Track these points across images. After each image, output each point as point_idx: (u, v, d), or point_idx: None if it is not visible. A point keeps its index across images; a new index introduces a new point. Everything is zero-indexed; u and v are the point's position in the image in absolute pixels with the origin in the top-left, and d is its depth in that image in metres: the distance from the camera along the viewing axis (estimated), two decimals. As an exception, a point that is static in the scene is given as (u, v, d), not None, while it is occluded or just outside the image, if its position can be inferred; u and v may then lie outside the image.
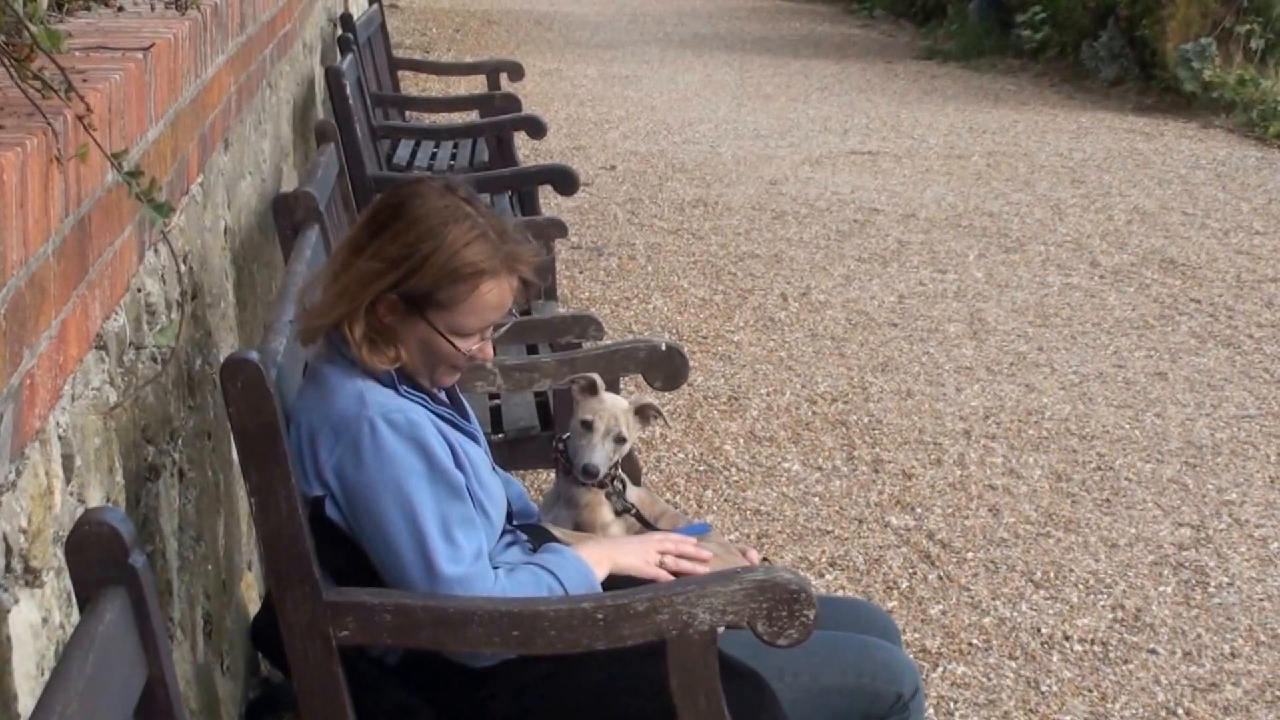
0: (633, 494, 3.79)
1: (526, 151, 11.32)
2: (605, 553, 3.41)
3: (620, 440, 3.72)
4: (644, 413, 3.81)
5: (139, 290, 3.21)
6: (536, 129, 8.66)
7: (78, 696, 1.79)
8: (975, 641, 5.25)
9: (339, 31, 9.21)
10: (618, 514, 3.72)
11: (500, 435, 4.93)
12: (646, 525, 3.72)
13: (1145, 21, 15.76)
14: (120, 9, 4.04)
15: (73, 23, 3.71)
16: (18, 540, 2.29)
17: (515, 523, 3.50)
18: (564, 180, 7.14)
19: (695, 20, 22.45)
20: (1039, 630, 5.33)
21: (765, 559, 3.66)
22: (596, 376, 3.80)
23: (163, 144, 3.42)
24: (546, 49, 19.02)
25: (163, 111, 3.42)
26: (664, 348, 4.40)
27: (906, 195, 11.62)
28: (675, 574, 3.39)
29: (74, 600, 2.28)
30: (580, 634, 2.99)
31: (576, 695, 3.20)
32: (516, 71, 10.66)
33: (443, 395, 3.37)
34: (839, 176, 12.20)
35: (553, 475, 3.97)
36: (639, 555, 3.43)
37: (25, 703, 2.24)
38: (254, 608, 4.21)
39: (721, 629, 3.02)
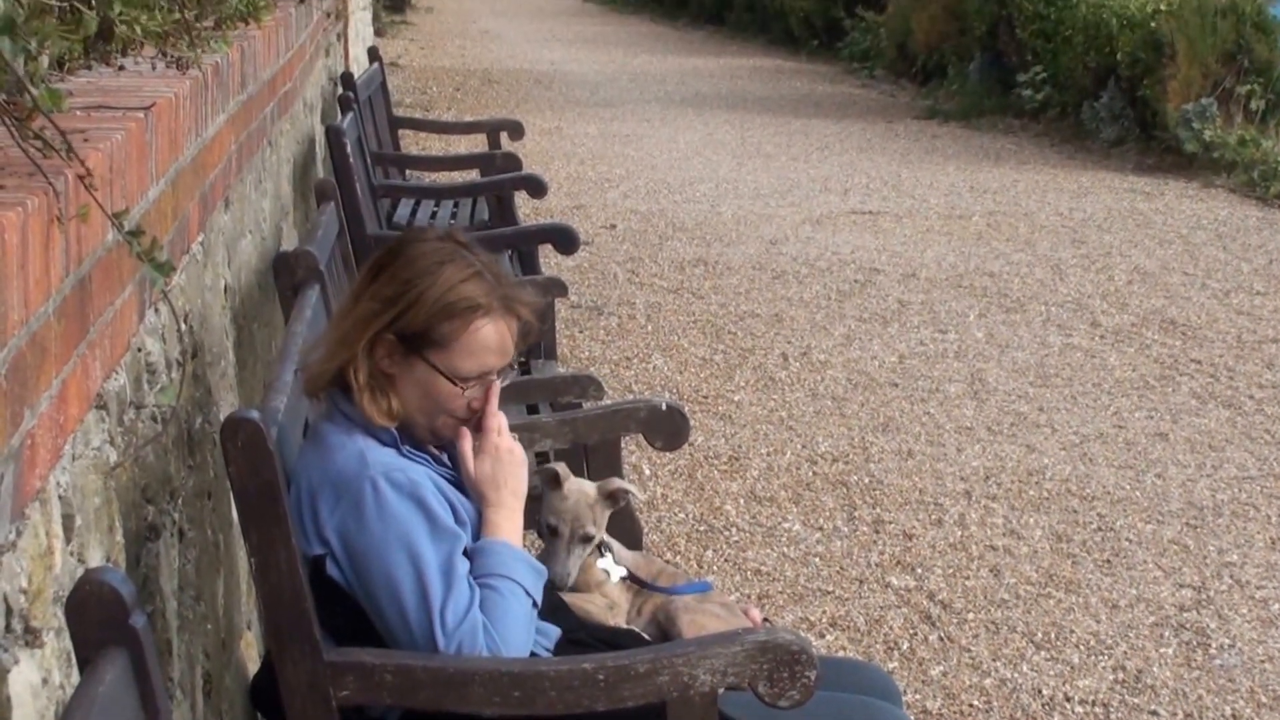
0: (626, 557, 3.77)
1: (527, 210, 11.34)
2: (501, 518, 3.30)
3: (587, 539, 3.66)
4: (613, 497, 3.73)
5: (139, 349, 3.20)
6: (537, 188, 8.67)
7: (77, 757, 1.79)
8: (976, 703, 5.23)
9: (339, 90, 9.24)
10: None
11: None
12: (642, 586, 3.71)
13: (1146, 82, 15.82)
14: (121, 68, 4.05)
15: (74, 81, 3.71)
16: (18, 600, 2.28)
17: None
18: (564, 239, 7.15)
19: (696, 79, 22.54)
20: (1040, 691, 5.31)
21: (766, 619, 3.64)
22: (559, 468, 3.73)
23: (164, 203, 3.42)
24: (547, 107, 19.10)
25: (164, 170, 3.42)
26: (664, 407, 4.39)
27: (907, 255, 11.64)
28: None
29: (74, 660, 2.27)
30: (581, 695, 2.98)
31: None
32: (517, 130, 10.67)
33: (445, 456, 3.37)
34: (839, 236, 12.22)
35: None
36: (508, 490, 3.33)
37: (24, 763, 2.23)
38: (253, 667, 4.19)
39: (722, 690, 3.01)
